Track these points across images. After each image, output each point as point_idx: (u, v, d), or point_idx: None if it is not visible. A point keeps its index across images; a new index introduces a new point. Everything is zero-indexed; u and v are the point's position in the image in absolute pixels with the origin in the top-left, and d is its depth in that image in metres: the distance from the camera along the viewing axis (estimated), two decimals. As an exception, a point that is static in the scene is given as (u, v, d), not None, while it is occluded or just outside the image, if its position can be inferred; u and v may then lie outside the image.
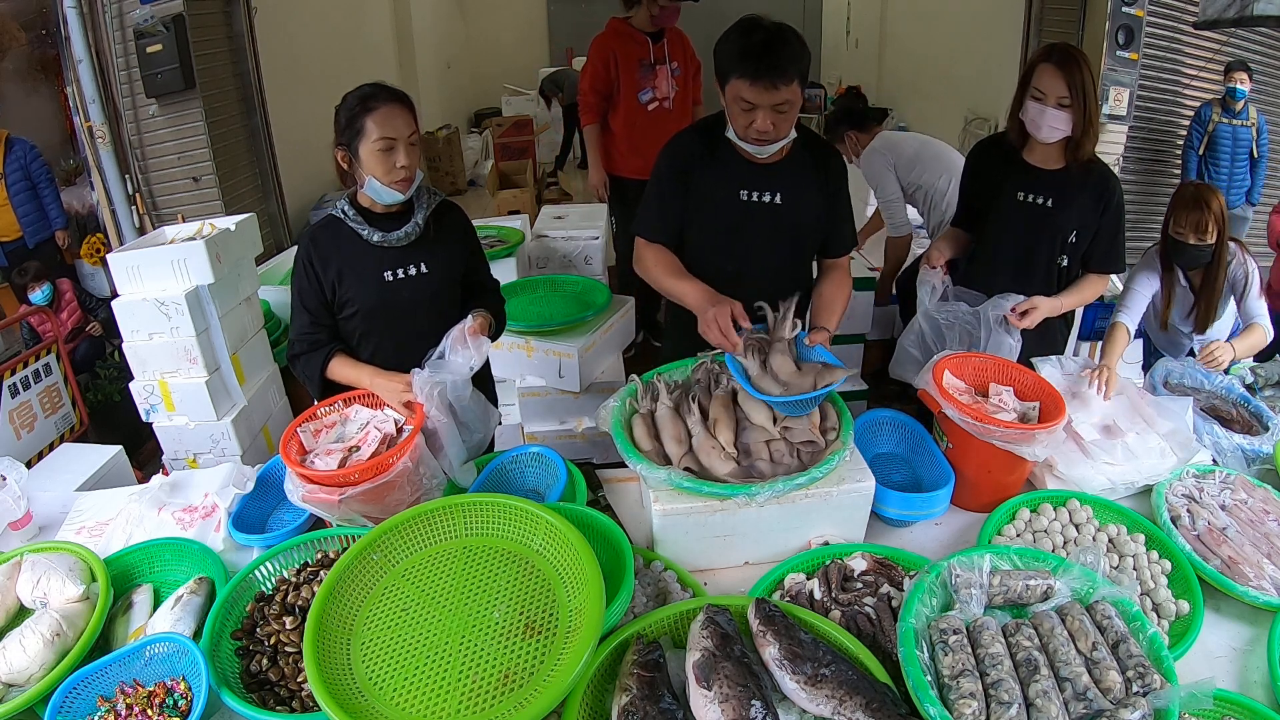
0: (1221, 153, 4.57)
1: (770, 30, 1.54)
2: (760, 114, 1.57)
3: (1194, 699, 0.97)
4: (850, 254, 1.89)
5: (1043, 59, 1.85)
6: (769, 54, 1.52)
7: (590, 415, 2.81)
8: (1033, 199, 1.99)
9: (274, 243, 4.46)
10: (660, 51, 3.43)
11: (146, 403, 2.34)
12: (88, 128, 3.74)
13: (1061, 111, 1.82)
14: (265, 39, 4.45)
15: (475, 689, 1.00)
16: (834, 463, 1.37)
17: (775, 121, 1.58)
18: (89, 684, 1.15)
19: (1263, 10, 3.58)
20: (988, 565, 1.15)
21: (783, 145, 1.66)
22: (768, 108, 1.56)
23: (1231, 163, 4.57)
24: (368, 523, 1.40)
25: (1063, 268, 2.02)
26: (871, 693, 0.98)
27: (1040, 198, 1.98)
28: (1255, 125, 4.52)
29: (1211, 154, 4.60)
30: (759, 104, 1.56)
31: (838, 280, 1.84)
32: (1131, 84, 4.51)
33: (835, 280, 1.84)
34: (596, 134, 3.56)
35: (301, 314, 1.69)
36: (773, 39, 1.53)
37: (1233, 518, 1.44)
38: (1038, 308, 1.92)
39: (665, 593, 1.29)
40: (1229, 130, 4.53)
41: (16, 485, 1.59)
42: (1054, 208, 1.97)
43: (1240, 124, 4.52)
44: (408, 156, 1.58)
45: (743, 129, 1.62)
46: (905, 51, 8.16)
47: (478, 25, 9.49)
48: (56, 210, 3.85)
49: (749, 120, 1.59)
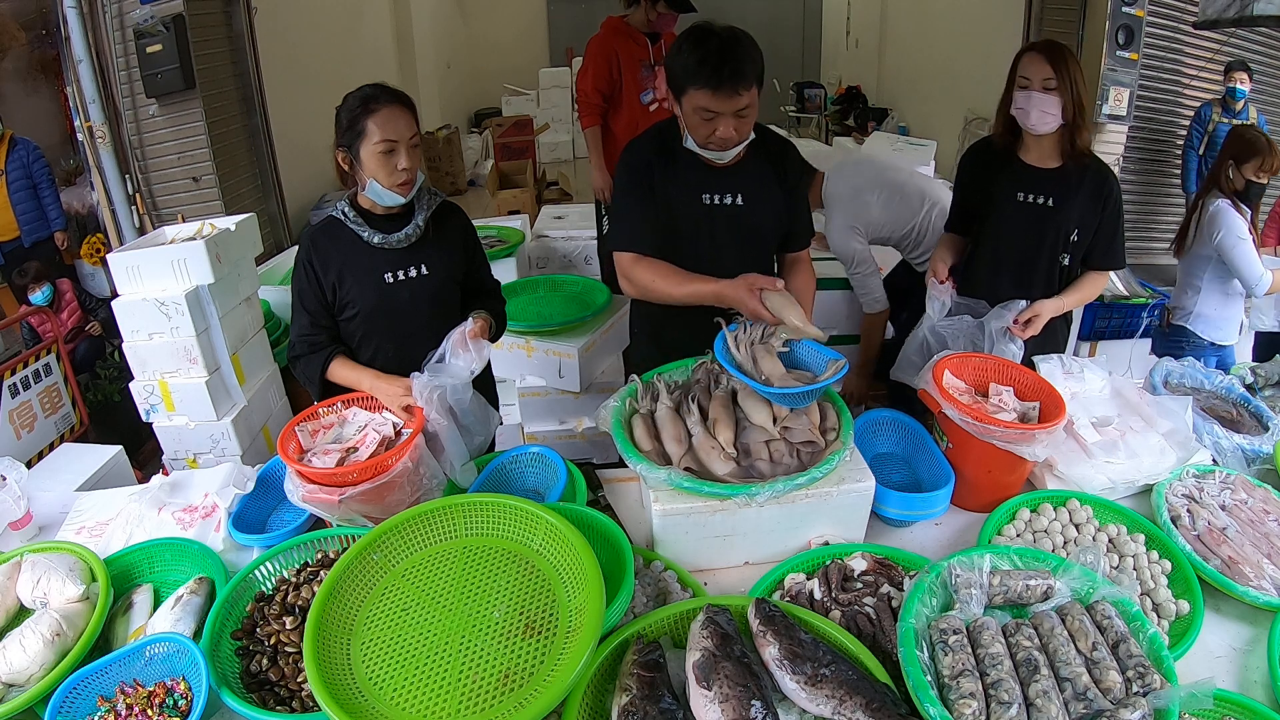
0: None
1: (724, 37, 1.53)
2: (722, 121, 1.57)
3: (1194, 699, 0.97)
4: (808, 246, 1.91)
5: (1025, 50, 1.88)
6: (726, 62, 1.51)
7: (590, 415, 2.81)
8: (1033, 199, 1.99)
9: (274, 243, 4.46)
10: (659, 52, 3.43)
11: (146, 403, 2.34)
12: (88, 128, 3.74)
13: (1049, 95, 1.83)
14: (265, 39, 4.45)
15: (475, 689, 1.00)
16: (834, 463, 1.37)
17: (737, 126, 1.59)
18: (89, 684, 1.15)
19: (1263, 10, 3.58)
20: (988, 565, 1.15)
21: (741, 147, 1.66)
22: (729, 114, 1.56)
23: None
24: (368, 523, 1.40)
25: (1064, 266, 2.02)
26: (871, 693, 0.98)
27: (1041, 197, 1.98)
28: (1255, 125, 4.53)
29: (1211, 154, 4.60)
30: (721, 111, 1.56)
31: (803, 274, 1.86)
32: (1131, 84, 4.51)
33: (801, 274, 1.86)
34: (599, 136, 3.54)
35: (301, 315, 1.69)
36: (727, 46, 1.52)
37: (1233, 518, 1.44)
38: (1040, 314, 1.91)
39: (665, 593, 1.29)
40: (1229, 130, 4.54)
41: (16, 485, 1.59)
42: (1055, 206, 1.96)
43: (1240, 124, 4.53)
44: (409, 159, 1.58)
45: (704, 138, 1.62)
46: (905, 51, 8.16)
47: (478, 25, 9.49)
48: (56, 211, 3.86)
49: (710, 129, 1.59)
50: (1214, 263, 2.56)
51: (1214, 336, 2.65)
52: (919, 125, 7.44)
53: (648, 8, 3.33)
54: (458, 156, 7.12)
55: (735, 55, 1.52)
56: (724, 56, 1.51)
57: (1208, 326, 2.64)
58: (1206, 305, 2.63)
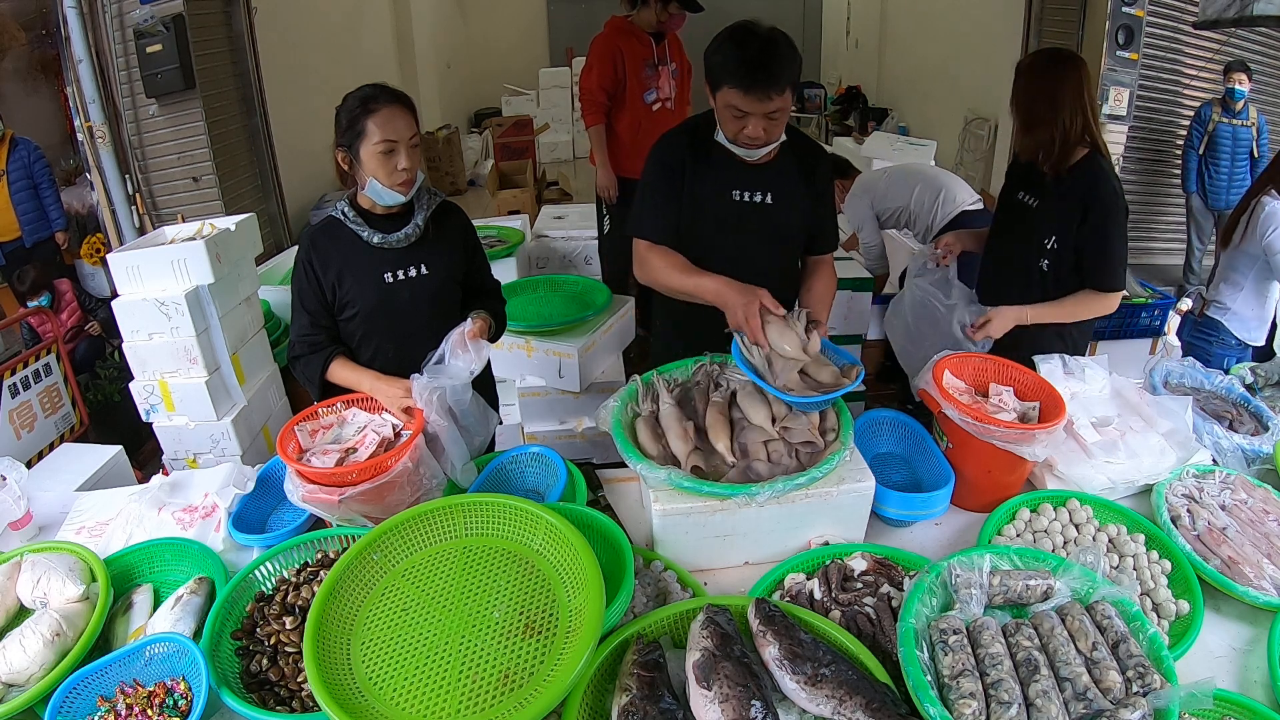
0: (1221, 152, 4.57)
1: (764, 39, 1.54)
2: (752, 121, 1.58)
3: (1194, 699, 0.97)
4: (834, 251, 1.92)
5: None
6: (763, 66, 1.52)
7: (590, 415, 2.81)
8: (1024, 197, 2.02)
9: (274, 243, 4.46)
10: (663, 52, 3.43)
11: (146, 403, 2.34)
12: (88, 128, 3.74)
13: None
14: (265, 39, 4.45)
15: (475, 689, 1.00)
16: (834, 463, 1.37)
17: (767, 128, 1.60)
18: (89, 684, 1.15)
19: (1263, 10, 3.58)
20: (988, 565, 1.15)
21: (773, 147, 1.67)
22: (760, 116, 1.57)
23: (1231, 162, 4.57)
24: (368, 523, 1.40)
25: (1043, 272, 1.99)
26: (871, 693, 0.98)
27: (1030, 197, 2.00)
28: (1255, 125, 4.53)
29: (1211, 154, 4.61)
30: (752, 112, 1.57)
31: (825, 276, 1.86)
32: (1131, 84, 4.52)
33: (823, 276, 1.86)
34: (603, 135, 3.54)
35: (301, 315, 1.69)
36: (767, 49, 1.53)
37: (1233, 518, 1.44)
38: (992, 320, 1.92)
39: (665, 593, 1.29)
40: (1229, 130, 4.54)
41: (16, 485, 1.59)
42: (1037, 208, 1.98)
43: (1240, 124, 4.52)
44: (409, 158, 1.58)
45: (734, 134, 1.63)
46: (905, 51, 8.16)
47: (478, 25, 9.49)
48: (57, 211, 3.86)
49: (740, 126, 1.60)
50: (1260, 262, 2.53)
51: (1244, 335, 2.63)
52: (919, 125, 7.45)
53: (658, 8, 3.33)
54: (458, 156, 7.12)
55: (772, 59, 1.52)
56: (761, 60, 1.52)
57: (1241, 325, 2.62)
58: (1244, 304, 2.60)
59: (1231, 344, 2.64)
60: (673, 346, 1.78)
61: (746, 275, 1.71)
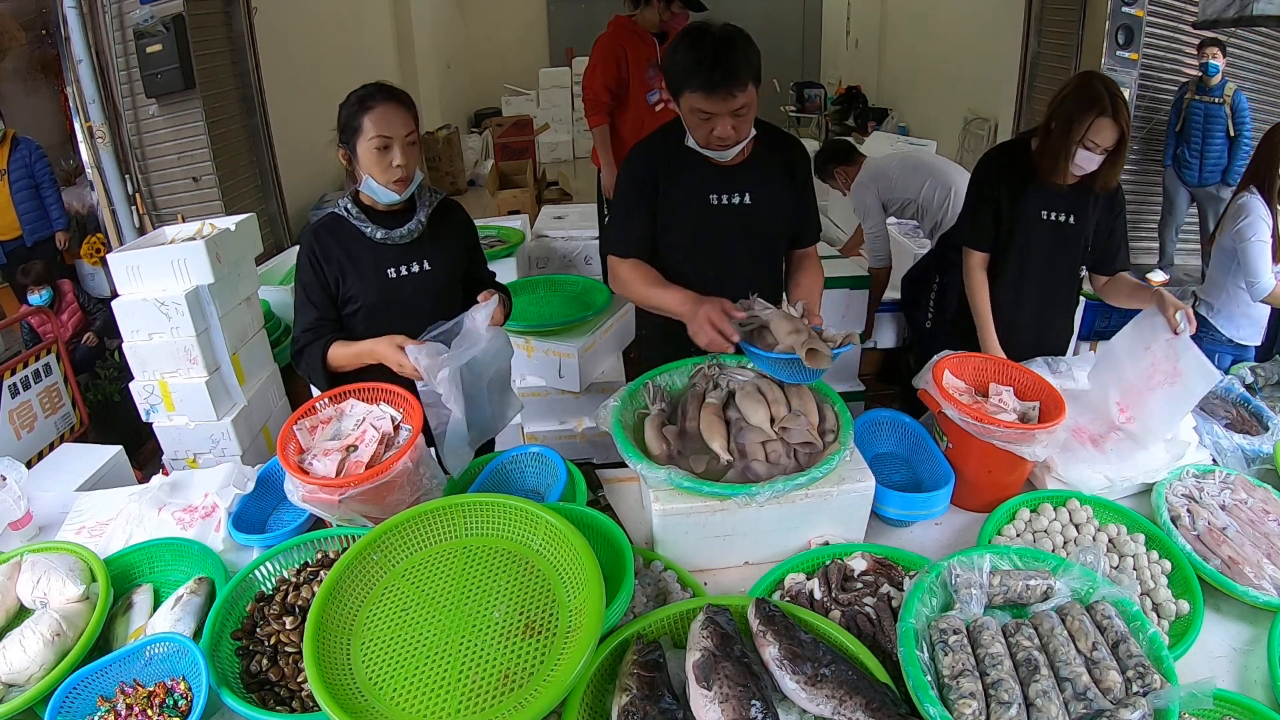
0: (1193, 129, 4.51)
1: (719, 38, 1.53)
2: (719, 122, 1.58)
3: (1194, 699, 0.97)
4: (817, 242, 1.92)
5: (1095, 111, 1.81)
6: (722, 63, 1.51)
7: (590, 415, 2.81)
8: (1056, 216, 2.01)
9: (274, 243, 4.47)
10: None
11: (146, 403, 2.34)
12: (88, 128, 3.74)
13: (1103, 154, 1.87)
14: (265, 39, 4.46)
15: (475, 689, 1.00)
16: (834, 463, 1.37)
17: (735, 125, 1.59)
18: (89, 684, 1.14)
19: (1263, 10, 3.59)
20: (988, 565, 1.15)
21: (744, 145, 1.66)
22: (726, 115, 1.57)
23: (1204, 140, 4.50)
24: (368, 523, 1.40)
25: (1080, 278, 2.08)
26: (871, 693, 0.98)
27: (1061, 215, 2.01)
28: (1230, 102, 4.42)
29: (1185, 131, 4.55)
30: (717, 112, 1.56)
31: (812, 269, 1.87)
32: (1131, 84, 4.52)
33: (810, 270, 1.86)
34: (606, 134, 3.53)
35: (307, 309, 1.68)
36: (723, 47, 1.52)
37: (1233, 518, 1.44)
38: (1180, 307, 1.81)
39: (665, 593, 1.29)
40: (1201, 107, 4.46)
41: (16, 485, 1.59)
42: (1076, 223, 2.00)
43: (1211, 100, 4.44)
44: (404, 155, 1.58)
45: (703, 137, 1.63)
46: (905, 51, 8.17)
47: (478, 25, 9.50)
48: (58, 211, 3.86)
49: (709, 129, 1.60)
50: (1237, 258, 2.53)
51: (1233, 333, 2.63)
52: (919, 125, 7.45)
53: (661, 8, 3.32)
54: (458, 156, 7.13)
55: (730, 56, 1.52)
56: (718, 58, 1.51)
57: (1228, 322, 2.62)
58: (1229, 300, 2.60)
59: (1222, 340, 2.64)
60: (662, 349, 1.78)
61: (730, 279, 1.70)
